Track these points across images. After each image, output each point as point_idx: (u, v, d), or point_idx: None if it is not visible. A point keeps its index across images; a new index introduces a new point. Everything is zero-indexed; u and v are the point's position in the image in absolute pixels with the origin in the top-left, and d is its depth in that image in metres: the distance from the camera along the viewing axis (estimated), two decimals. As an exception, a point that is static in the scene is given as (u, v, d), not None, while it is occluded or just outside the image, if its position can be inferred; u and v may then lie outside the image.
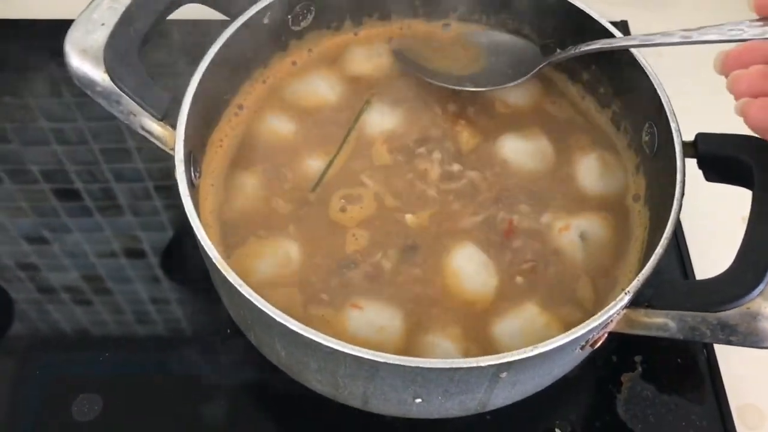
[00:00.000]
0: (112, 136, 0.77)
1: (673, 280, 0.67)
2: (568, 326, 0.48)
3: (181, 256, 0.71)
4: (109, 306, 0.67)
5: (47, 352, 0.64)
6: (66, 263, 0.69)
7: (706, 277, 0.50)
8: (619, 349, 0.64)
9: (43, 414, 0.60)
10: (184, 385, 0.62)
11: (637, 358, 0.64)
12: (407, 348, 0.54)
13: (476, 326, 0.55)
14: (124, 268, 0.69)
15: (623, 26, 0.87)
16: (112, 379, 0.62)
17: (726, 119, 0.53)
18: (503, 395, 0.53)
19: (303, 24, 0.67)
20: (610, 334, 0.52)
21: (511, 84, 0.64)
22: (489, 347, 0.54)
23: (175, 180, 0.52)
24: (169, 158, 0.54)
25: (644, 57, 0.60)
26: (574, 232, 0.59)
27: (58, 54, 0.56)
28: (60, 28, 0.55)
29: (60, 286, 0.68)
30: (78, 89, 0.55)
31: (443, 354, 0.53)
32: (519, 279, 0.57)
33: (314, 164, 0.62)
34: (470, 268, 0.57)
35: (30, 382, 0.62)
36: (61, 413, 0.60)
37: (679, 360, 0.65)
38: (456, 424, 0.59)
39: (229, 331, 0.63)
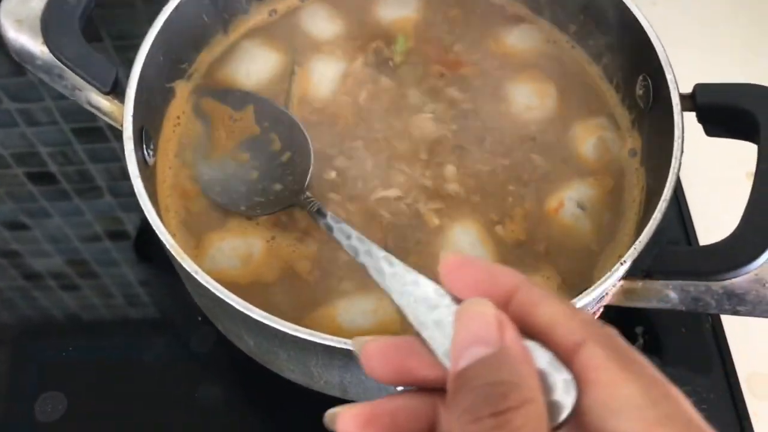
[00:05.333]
0: (82, 115, 0.73)
1: (674, 247, 0.62)
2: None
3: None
4: (96, 291, 0.64)
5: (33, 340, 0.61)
6: (48, 249, 0.66)
7: (711, 242, 0.45)
8: (618, 320, 0.59)
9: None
10: (154, 375, 0.59)
11: (638, 329, 0.61)
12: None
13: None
14: (109, 251, 0.66)
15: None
16: (78, 369, 0.59)
17: (726, 71, 0.48)
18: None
19: (266, -18, 0.62)
20: (606, 307, 0.48)
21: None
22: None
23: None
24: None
25: (636, 5, 0.55)
26: (570, 205, 0.54)
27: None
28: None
29: (45, 271, 0.65)
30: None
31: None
32: (516, 250, 0.53)
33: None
34: (466, 245, 0.52)
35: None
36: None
37: (683, 329, 0.61)
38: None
39: (200, 318, 0.60)
